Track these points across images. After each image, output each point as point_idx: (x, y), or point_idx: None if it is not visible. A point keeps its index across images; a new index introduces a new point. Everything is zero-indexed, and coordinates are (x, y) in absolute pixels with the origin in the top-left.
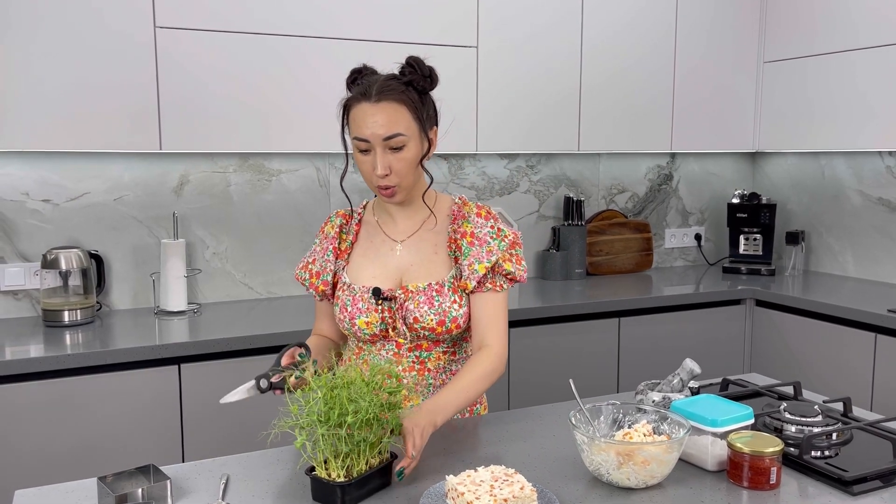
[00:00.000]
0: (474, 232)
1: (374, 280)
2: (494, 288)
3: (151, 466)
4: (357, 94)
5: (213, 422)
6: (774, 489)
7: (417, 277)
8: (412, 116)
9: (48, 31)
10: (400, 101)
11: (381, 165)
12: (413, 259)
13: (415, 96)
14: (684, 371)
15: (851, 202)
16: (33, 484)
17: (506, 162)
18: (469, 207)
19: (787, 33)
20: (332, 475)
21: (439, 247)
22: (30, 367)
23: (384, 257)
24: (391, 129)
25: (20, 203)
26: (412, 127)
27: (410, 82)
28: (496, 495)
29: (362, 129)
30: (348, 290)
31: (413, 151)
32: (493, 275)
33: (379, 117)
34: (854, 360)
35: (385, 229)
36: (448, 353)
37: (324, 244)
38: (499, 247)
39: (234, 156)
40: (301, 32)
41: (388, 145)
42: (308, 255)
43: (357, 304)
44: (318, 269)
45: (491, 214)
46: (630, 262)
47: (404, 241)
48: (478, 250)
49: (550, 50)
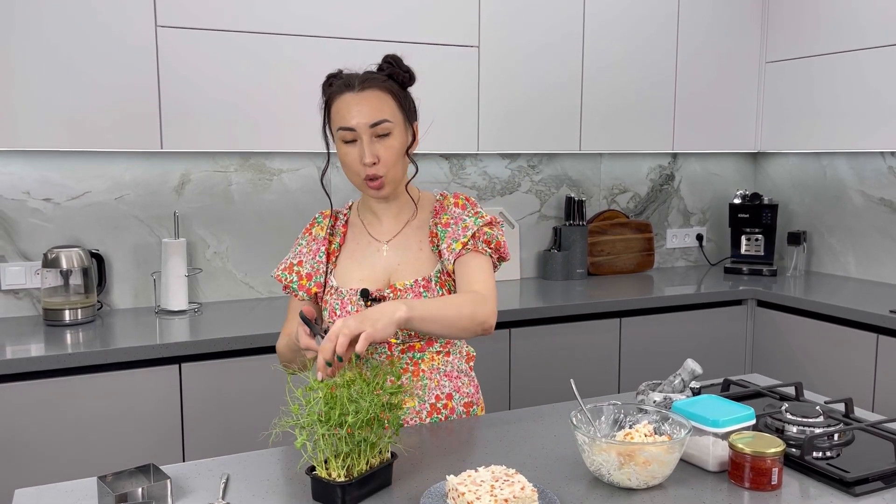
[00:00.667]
0: (451, 220)
1: (362, 282)
2: (475, 250)
3: (151, 466)
4: (339, 87)
5: (214, 421)
6: (776, 490)
7: (405, 276)
8: (396, 105)
9: (49, 30)
10: (384, 89)
11: (369, 153)
12: (400, 258)
13: (396, 87)
14: (685, 371)
15: (853, 203)
16: (33, 483)
17: (507, 162)
18: (448, 200)
19: (790, 33)
20: (333, 475)
21: (423, 242)
22: (30, 366)
23: (371, 258)
24: (377, 116)
25: (21, 202)
26: (397, 115)
27: (391, 75)
28: (497, 495)
29: (347, 119)
30: (336, 294)
31: (399, 140)
32: (473, 241)
33: (364, 105)
34: (855, 361)
35: (370, 230)
36: (442, 354)
37: (312, 245)
38: (475, 223)
39: (235, 155)
40: (302, 32)
41: (375, 132)
42: (291, 255)
43: (346, 308)
44: (308, 270)
45: (469, 201)
46: (631, 262)
47: (390, 241)
48: (454, 230)
49: (552, 50)
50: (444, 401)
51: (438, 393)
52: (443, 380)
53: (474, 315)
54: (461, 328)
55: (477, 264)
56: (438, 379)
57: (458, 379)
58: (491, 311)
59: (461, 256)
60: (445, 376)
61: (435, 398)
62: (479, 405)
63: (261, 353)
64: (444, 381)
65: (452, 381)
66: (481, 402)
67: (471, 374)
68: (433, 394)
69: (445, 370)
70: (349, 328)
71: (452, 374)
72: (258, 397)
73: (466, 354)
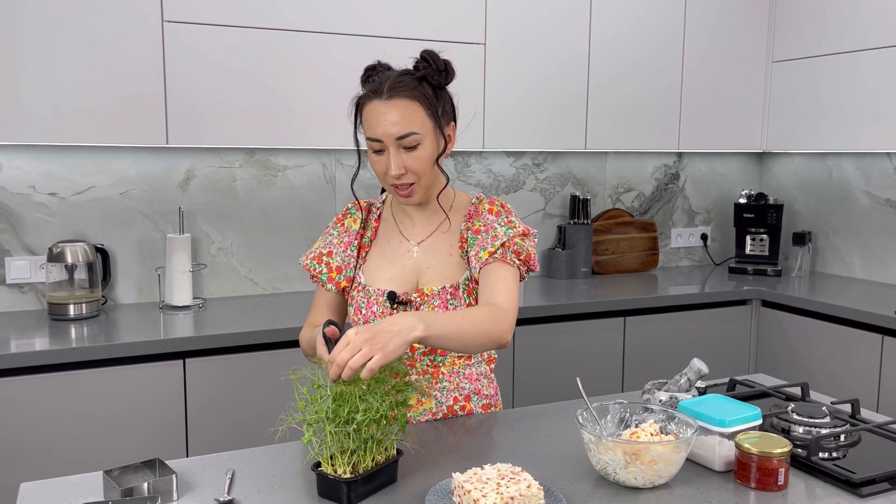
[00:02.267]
0: (482, 227)
1: (391, 283)
2: (503, 260)
3: (157, 461)
4: (369, 92)
5: (218, 416)
6: (782, 490)
7: (433, 280)
8: (426, 113)
9: (55, 24)
10: (413, 97)
11: (395, 166)
12: (429, 261)
13: (429, 91)
14: (692, 371)
15: (859, 203)
16: (38, 477)
17: (512, 160)
18: (483, 205)
19: (796, 33)
20: (339, 471)
21: (454, 247)
22: (35, 360)
23: (401, 258)
24: (404, 129)
25: (26, 196)
26: (426, 124)
27: (424, 77)
28: (502, 493)
29: (374, 129)
30: (363, 292)
31: (429, 150)
32: (503, 250)
33: (391, 115)
34: (860, 362)
35: (402, 229)
36: (463, 358)
37: (344, 238)
38: (506, 233)
39: (240, 151)
40: (308, 28)
41: (402, 144)
42: (321, 245)
43: (371, 308)
44: (339, 263)
45: (505, 208)
46: (636, 261)
47: (421, 243)
48: (483, 238)
49: (558, 48)
50: (461, 402)
51: (457, 395)
52: (462, 382)
53: (491, 332)
54: (477, 345)
55: (502, 276)
56: (458, 381)
57: (479, 381)
58: (508, 326)
59: (487, 265)
60: (465, 378)
61: (453, 400)
62: (498, 406)
63: (265, 349)
64: (465, 383)
65: (472, 384)
66: (500, 404)
67: (491, 375)
68: (451, 395)
69: (465, 373)
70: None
71: (472, 377)
72: (262, 393)
73: (488, 357)
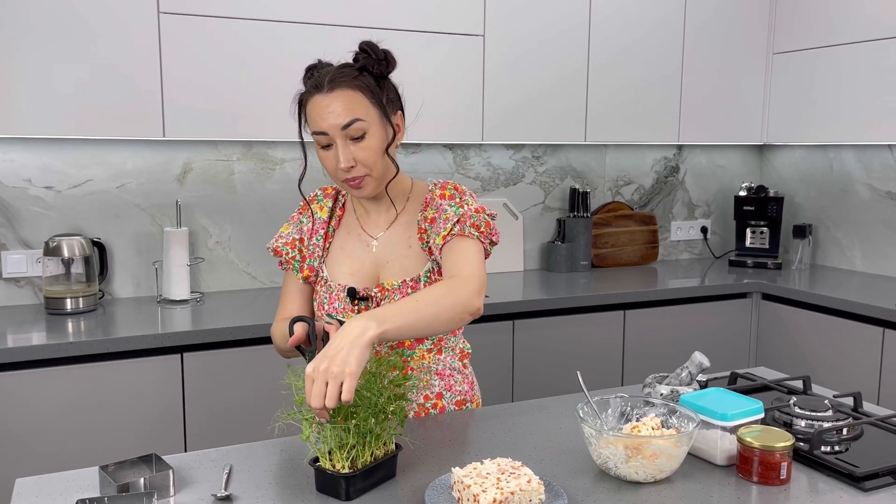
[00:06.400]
0: (435, 215)
1: (351, 277)
2: (461, 234)
3: (154, 456)
4: (310, 88)
5: (215, 411)
6: (784, 484)
7: (393, 274)
8: (370, 102)
9: (51, 16)
10: (354, 87)
11: (344, 158)
12: (388, 255)
13: (370, 81)
14: (693, 364)
15: (860, 196)
16: (34, 472)
17: (511, 152)
18: (436, 191)
19: (797, 24)
20: (337, 466)
21: (413, 239)
22: (31, 354)
23: (360, 252)
24: (348, 116)
25: (23, 190)
26: (371, 112)
27: (364, 67)
28: (503, 488)
29: (319, 123)
30: (325, 287)
31: (377, 139)
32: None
33: (334, 106)
34: (861, 355)
35: (361, 223)
36: (434, 352)
37: (310, 225)
38: (455, 212)
39: (237, 144)
40: (306, 19)
41: (348, 134)
42: (293, 230)
43: (333, 304)
44: (308, 251)
45: (458, 190)
46: (635, 254)
47: (380, 237)
48: (438, 225)
49: (558, 40)
50: (433, 400)
51: (428, 392)
52: (433, 378)
53: (455, 304)
54: (445, 321)
55: (460, 248)
56: (428, 378)
57: (451, 377)
58: (473, 292)
59: (447, 243)
60: (437, 375)
61: (424, 398)
62: (475, 402)
63: (263, 343)
64: (435, 379)
65: (444, 380)
66: (477, 399)
67: (465, 371)
68: (422, 393)
69: (437, 368)
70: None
71: (444, 373)
72: (260, 387)
73: (461, 352)
